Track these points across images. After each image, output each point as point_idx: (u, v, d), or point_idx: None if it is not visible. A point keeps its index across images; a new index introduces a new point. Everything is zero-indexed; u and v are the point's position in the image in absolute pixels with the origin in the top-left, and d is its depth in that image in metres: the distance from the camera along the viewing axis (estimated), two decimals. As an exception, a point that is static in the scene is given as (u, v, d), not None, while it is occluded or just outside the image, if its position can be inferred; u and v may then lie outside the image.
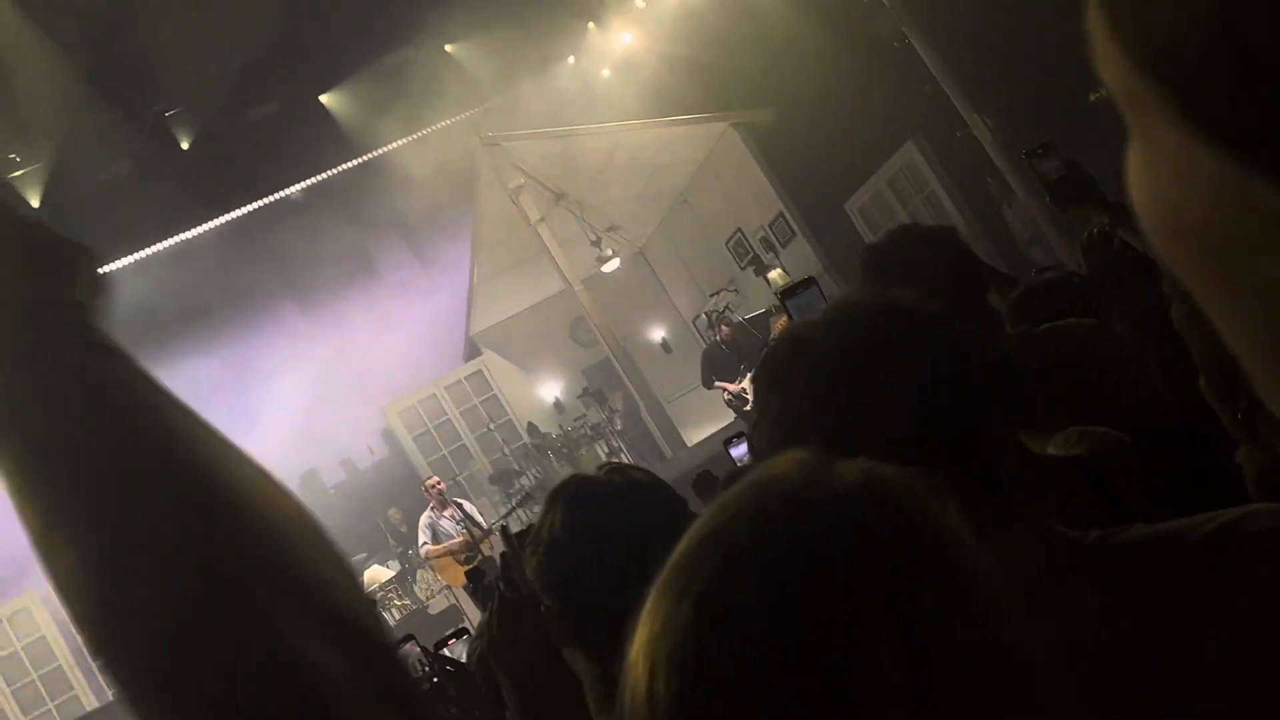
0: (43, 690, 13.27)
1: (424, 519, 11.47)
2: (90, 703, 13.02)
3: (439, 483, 11.72)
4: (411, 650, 3.57)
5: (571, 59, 16.36)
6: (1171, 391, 2.08)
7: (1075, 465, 1.67)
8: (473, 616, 9.03)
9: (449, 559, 11.01)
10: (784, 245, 14.21)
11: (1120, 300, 2.47)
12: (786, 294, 2.48)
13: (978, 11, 11.33)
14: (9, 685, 13.14)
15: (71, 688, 13.32)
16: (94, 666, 10.54)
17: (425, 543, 11.31)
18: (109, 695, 12.99)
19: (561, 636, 1.71)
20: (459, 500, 11.79)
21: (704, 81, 13.99)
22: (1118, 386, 2.32)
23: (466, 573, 3.58)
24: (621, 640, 0.74)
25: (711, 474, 4.39)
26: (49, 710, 13.01)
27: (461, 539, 11.18)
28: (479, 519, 11.56)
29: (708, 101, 14.04)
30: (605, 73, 15.90)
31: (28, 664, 13.30)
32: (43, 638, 13.40)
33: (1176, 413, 2.11)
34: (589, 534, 1.66)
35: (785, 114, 13.71)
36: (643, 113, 14.39)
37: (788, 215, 14.01)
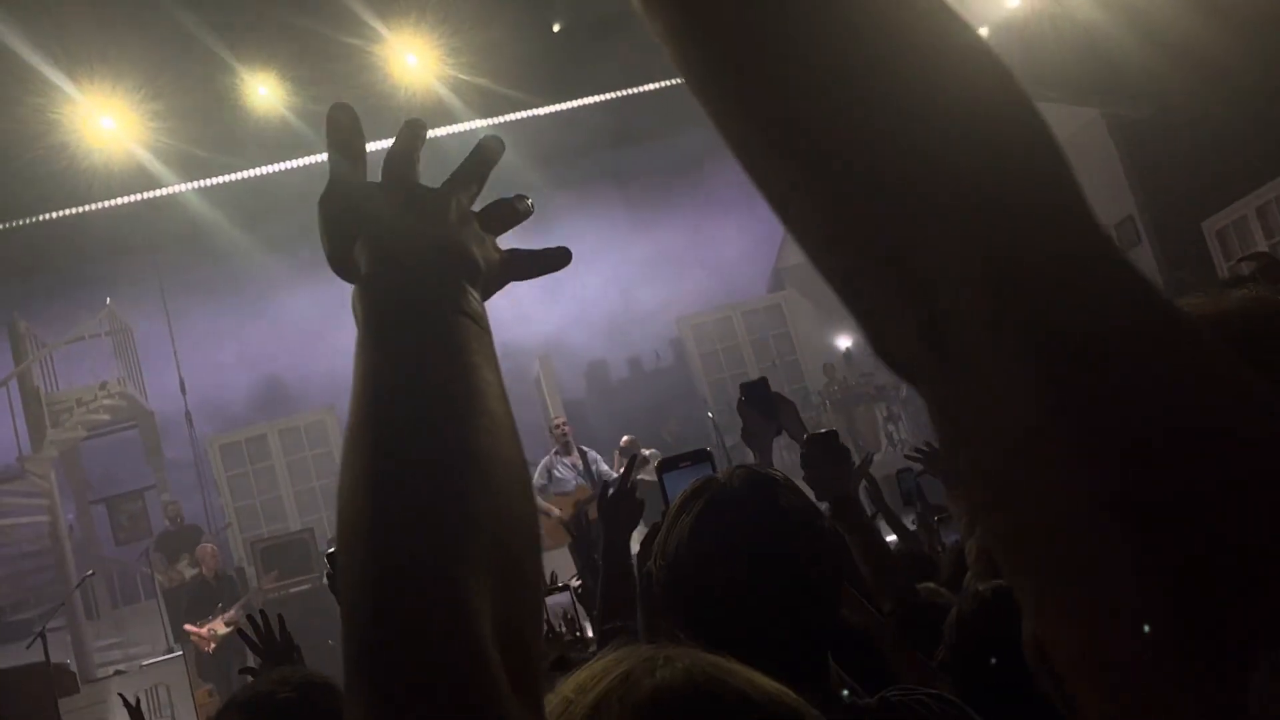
0: (320, 499, 14.40)
1: (544, 460, 10.80)
2: (359, 524, 14.02)
3: (565, 423, 11.05)
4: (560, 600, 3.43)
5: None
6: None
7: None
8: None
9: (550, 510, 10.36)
10: (1125, 251, 13.28)
11: None
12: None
13: None
14: (294, 486, 14.33)
15: (346, 504, 14.37)
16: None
17: (541, 485, 10.68)
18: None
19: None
20: (585, 449, 11.05)
21: (1082, 62, 13.11)
22: None
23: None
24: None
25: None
26: (320, 518, 14.11)
27: (577, 494, 10.50)
28: (604, 470, 10.77)
29: (1080, 83, 13.15)
30: (984, 30, 15.21)
31: (313, 472, 14.45)
32: (329, 453, 14.50)
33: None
34: (714, 556, 1.55)
35: (1164, 113, 12.69)
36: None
37: (1138, 220, 13.07)
